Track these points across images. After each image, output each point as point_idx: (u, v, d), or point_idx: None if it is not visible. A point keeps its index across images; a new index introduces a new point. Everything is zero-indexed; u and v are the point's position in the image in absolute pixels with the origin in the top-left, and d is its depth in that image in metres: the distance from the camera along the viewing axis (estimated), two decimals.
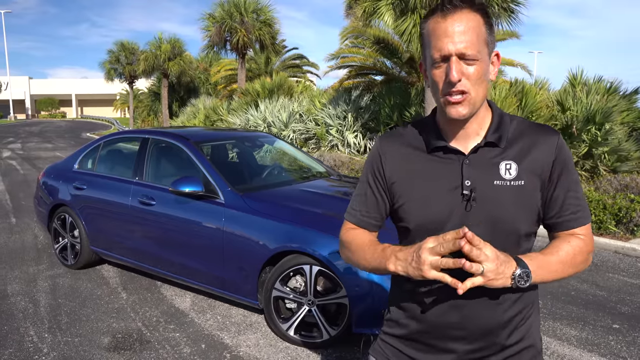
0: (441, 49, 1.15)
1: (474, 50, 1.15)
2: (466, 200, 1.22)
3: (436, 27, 1.17)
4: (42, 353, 3.36)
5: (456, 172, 1.24)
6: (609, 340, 3.56)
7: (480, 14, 1.18)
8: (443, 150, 1.27)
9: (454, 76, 1.14)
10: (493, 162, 1.23)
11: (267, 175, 4.83)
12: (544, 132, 1.26)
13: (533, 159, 1.23)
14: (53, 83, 72.48)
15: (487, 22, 1.19)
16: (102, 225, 4.75)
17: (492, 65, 1.24)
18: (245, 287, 3.69)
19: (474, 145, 1.25)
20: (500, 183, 1.22)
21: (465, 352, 1.27)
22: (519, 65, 16.16)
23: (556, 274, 1.21)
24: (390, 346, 1.38)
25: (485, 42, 1.18)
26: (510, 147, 1.24)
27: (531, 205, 1.23)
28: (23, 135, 29.62)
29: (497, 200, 1.21)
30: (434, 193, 1.25)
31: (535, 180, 1.22)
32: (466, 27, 1.14)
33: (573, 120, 8.51)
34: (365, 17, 9.32)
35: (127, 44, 30.81)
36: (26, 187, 10.17)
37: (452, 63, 1.14)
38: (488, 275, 1.09)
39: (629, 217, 6.15)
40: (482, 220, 1.21)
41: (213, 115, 18.28)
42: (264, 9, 19.84)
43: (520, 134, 1.26)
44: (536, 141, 1.24)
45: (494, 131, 1.25)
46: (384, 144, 1.36)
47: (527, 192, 1.22)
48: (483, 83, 1.19)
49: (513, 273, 1.12)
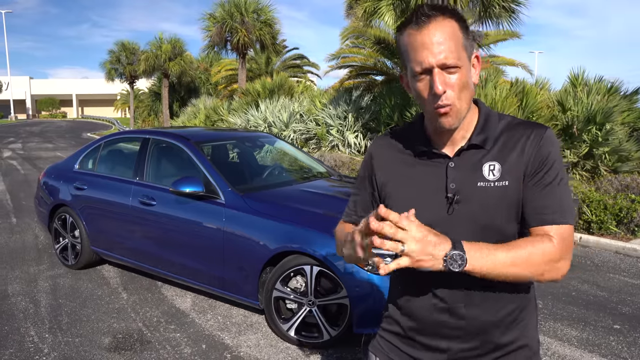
0: (422, 62, 1.14)
1: (454, 58, 1.14)
2: (449, 204, 1.22)
3: (412, 40, 1.15)
4: (42, 353, 3.36)
5: (441, 175, 1.25)
6: (609, 340, 3.56)
7: (454, 19, 1.17)
8: (429, 154, 1.28)
9: (439, 88, 1.13)
10: (476, 164, 1.23)
11: (268, 175, 4.83)
12: (530, 127, 1.24)
13: (517, 156, 1.21)
14: (54, 83, 72.58)
15: (462, 26, 1.18)
16: (102, 226, 4.75)
17: (474, 67, 1.23)
18: (246, 287, 3.69)
19: (458, 149, 1.25)
20: (484, 184, 1.21)
21: (459, 350, 1.28)
22: (520, 65, 16.17)
23: (503, 268, 1.12)
24: (388, 342, 1.39)
25: (464, 47, 1.17)
26: (495, 148, 1.24)
27: (516, 204, 1.21)
28: (24, 135, 29.64)
29: (481, 201, 1.21)
30: (420, 196, 1.26)
31: (519, 178, 1.21)
32: (443, 37, 1.13)
33: (574, 120, 8.51)
34: (366, 17, 9.32)
35: (128, 44, 30.85)
36: (27, 187, 10.18)
37: (434, 75, 1.14)
38: (413, 256, 1.05)
39: (629, 217, 6.14)
40: (467, 221, 1.22)
41: (214, 115, 18.28)
42: (265, 9, 19.85)
43: (507, 132, 1.25)
44: (520, 137, 1.23)
45: (478, 133, 1.25)
46: (375, 147, 1.39)
47: (511, 192, 1.21)
48: (467, 89, 1.18)
49: (445, 254, 1.08)
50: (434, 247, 1.07)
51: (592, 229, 6.28)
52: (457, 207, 1.22)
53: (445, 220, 1.23)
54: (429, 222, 1.21)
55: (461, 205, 1.22)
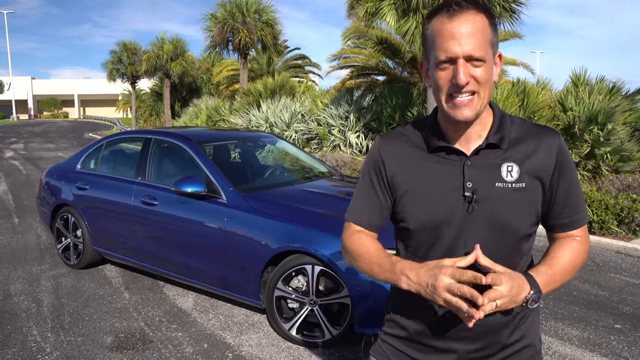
0: (448, 51, 1.13)
1: (482, 52, 1.13)
2: (468, 202, 1.21)
3: (442, 28, 1.15)
4: (45, 352, 3.37)
5: (458, 173, 1.23)
6: (610, 340, 3.56)
7: (486, 14, 1.16)
8: (445, 150, 1.26)
9: (462, 79, 1.12)
10: (495, 164, 1.23)
11: (269, 175, 4.83)
12: (545, 133, 1.26)
13: (534, 161, 1.22)
14: (55, 83, 72.66)
15: (492, 23, 1.18)
16: (104, 225, 4.76)
17: (495, 66, 1.23)
18: (248, 286, 3.70)
19: (476, 147, 1.24)
20: (502, 185, 1.21)
21: (467, 351, 1.28)
22: (521, 64, 16.14)
23: (559, 284, 1.24)
24: (391, 346, 1.38)
25: (491, 43, 1.17)
26: (511, 149, 1.24)
27: (532, 207, 1.23)
28: (25, 135, 29.69)
29: (499, 202, 1.21)
30: (435, 193, 1.24)
31: (536, 182, 1.22)
32: (473, 29, 1.13)
33: (575, 120, 8.50)
34: (368, 18, 9.31)
35: (130, 44, 30.86)
36: (29, 187, 10.20)
37: (459, 66, 1.13)
38: (501, 306, 1.10)
39: (631, 217, 6.14)
40: (483, 221, 1.21)
41: (215, 115, 18.29)
42: (266, 9, 19.84)
43: (522, 135, 1.25)
44: (538, 142, 1.24)
45: (495, 132, 1.24)
46: (384, 144, 1.34)
47: (528, 194, 1.22)
48: (488, 85, 1.18)
49: (526, 297, 1.13)
50: (517, 296, 1.12)
51: (593, 229, 6.28)
52: (476, 207, 1.21)
53: (465, 219, 1.22)
54: (444, 220, 1.23)
55: (479, 205, 1.21)
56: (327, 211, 3.65)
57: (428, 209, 1.24)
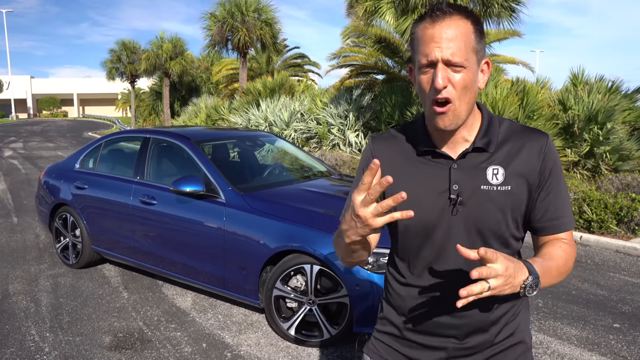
0: (428, 55, 1.15)
1: (461, 57, 1.14)
2: (452, 205, 1.23)
3: (424, 33, 1.16)
4: (43, 352, 3.37)
5: (444, 176, 1.25)
6: (609, 339, 3.56)
7: (471, 21, 1.17)
8: (432, 154, 1.28)
9: (439, 83, 1.13)
10: (481, 167, 1.23)
11: (268, 174, 4.83)
12: (532, 134, 1.26)
13: (520, 163, 1.23)
14: (55, 82, 72.61)
15: (477, 30, 1.18)
16: (103, 225, 4.76)
17: (482, 73, 1.23)
18: (246, 286, 3.70)
19: (463, 151, 1.25)
20: (487, 188, 1.22)
21: (456, 349, 1.29)
22: (521, 63, 16.13)
23: (552, 280, 1.19)
24: (384, 344, 1.39)
25: (474, 50, 1.17)
26: (498, 152, 1.24)
27: (518, 209, 1.24)
28: (25, 134, 29.67)
29: (484, 205, 1.22)
30: (423, 196, 1.25)
31: (522, 185, 1.23)
32: (454, 34, 1.14)
33: (575, 119, 8.50)
34: (367, 17, 9.31)
35: (129, 43, 30.82)
36: (28, 187, 10.19)
37: (437, 69, 1.14)
38: (495, 290, 1.04)
39: (630, 216, 6.14)
40: (466, 223, 1.23)
41: (214, 114, 18.28)
42: (265, 8, 19.83)
43: (509, 137, 1.26)
44: (524, 144, 1.24)
45: (482, 136, 1.25)
46: (376, 146, 1.37)
47: (514, 196, 1.22)
48: (469, 92, 1.18)
49: (524, 282, 1.09)
50: (514, 278, 1.07)
51: (592, 228, 6.28)
52: (460, 209, 1.22)
53: (448, 221, 1.23)
54: (432, 222, 1.24)
55: (463, 207, 1.22)
56: (326, 210, 3.65)
57: (417, 211, 1.24)
